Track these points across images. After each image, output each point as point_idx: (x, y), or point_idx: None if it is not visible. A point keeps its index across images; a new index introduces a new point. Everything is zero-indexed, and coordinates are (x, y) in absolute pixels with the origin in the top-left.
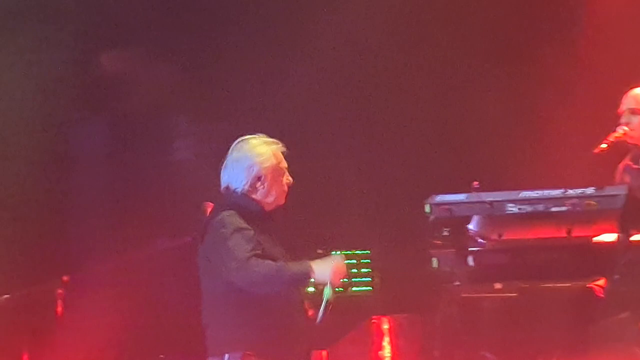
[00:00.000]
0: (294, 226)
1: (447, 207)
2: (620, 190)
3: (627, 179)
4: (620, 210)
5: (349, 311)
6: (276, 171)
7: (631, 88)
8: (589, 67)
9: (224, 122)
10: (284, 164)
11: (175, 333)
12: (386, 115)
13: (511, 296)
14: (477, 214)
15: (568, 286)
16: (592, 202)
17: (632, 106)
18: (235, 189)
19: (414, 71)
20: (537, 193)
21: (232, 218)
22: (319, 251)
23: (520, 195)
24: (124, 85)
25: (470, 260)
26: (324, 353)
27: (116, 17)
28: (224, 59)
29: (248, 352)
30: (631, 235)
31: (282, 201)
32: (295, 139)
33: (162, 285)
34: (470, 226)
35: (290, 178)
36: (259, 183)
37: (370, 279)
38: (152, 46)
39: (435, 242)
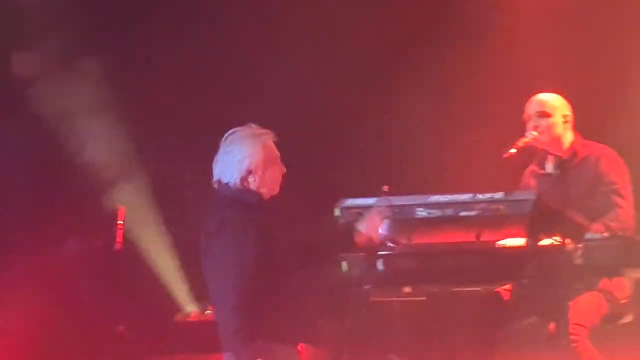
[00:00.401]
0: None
1: (357, 210)
2: (529, 195)
3: (533, 184)
4: (529, 215)
5: None
6: (267, 162)
7: (534, 94)
8: (498, 72)
9: (140, 125)
10: (276, 153)
11: (88, 335)
12: (296, 117)
13: (420, 300)
14: (386, 217)
15: (477, 290)
16: (500, 206)
17: (539, 109)
18: (227, 182)
19: (324, 75)
20: (447, 197)
21: (242, 225)
22: None
23: (430, 199)
24: (37, 85)
25: (380, 264)
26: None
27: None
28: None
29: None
30: (539, 240)
31: (275, 191)
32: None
33: (74, 287)
34: (381, 230)
35: (283, 167)
36: (251, 176)
37: None
38: (69, 46)
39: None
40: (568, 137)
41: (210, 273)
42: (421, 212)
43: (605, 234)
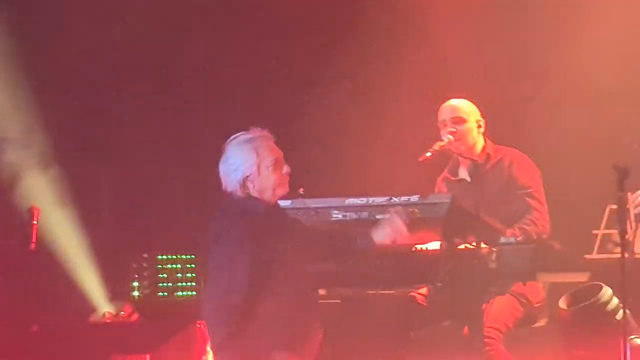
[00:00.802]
0: (117, 230)
1: None
2: (444, 199)
3: (445, 190)
4: (444, 218)
5: (173, 316)
6: (262, 166)
7: (447, 99)
8: (415, 75)
9: (54, 124)
10: (274, 155)
11: (1, 335)
12: (211, 120)
13: (334, 302)
14: (302, 220)
15: (391, 293)
16: (416, 209)
17: (454, 115)
18: (231, 191)
19: (245, 77)
20: (362, 200)
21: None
22: (144, 255)
23: (346, 202)
24: None
25: None
26: (147, 357)
27: None
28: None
29: None
30: (454, 244)
31: (283, 191)
32: (119, 143)
33: None
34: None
35: (287, 167)
36: (249, 182)
37: (194, 284)
38: None
39: None
40: (481, 141)
41: (208, 281)
42: (337, 215)
43: (520, 238)
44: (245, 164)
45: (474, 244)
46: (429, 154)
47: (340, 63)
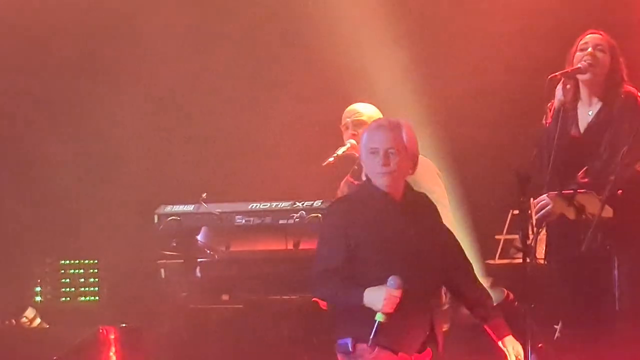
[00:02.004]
0: (20, 234)
1: (176, 217)
2: None
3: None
4: None
5: (75, 321)
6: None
7: (350, 103)
8: (319, 80)
9: None
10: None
11: None
12: (117, 122)
13: (237, 307)
14: (205, 225)
15: (294, 298)
16: (319, 214)
17: (357, 118)
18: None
19: (143, 82)
20: (266, 205)
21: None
22: (47, 260)
23: (249, 207)
24: None
25: (198, 271)
26: None
27: None
28: None
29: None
30: None
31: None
32: (21, 146)
33: None
34: (199, 237)
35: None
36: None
37: (97, 289)
38: None
39: (164, 252)
40: None
41: None
42: (240, 220)
43: None
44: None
45: None
46: (332, 158)
47: (242, 64)
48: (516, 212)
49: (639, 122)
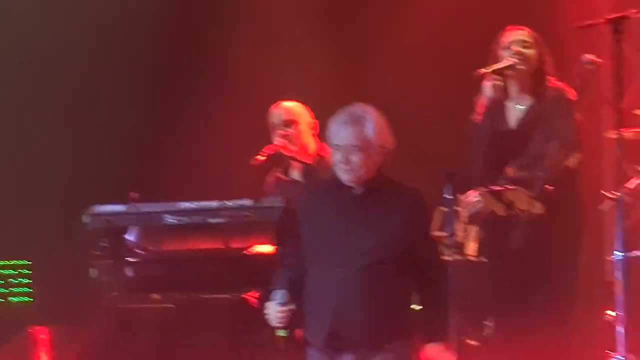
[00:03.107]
0: None
1: (105, 217)
2: (277, 203)
3: (278, 191)
4: (277, 222)
5: (6, 322)
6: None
7: (279, 102)
8: (247, 79)
9: None
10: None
11: None
12: (44, 121)
13: (168, 307)
14: (135, 224)
15: (225, 297)
16: (249, 213)
17: (286, 117)
18: None
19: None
20: (195, 204)
21: None
22: None
23: (179, 206)
24: None
25: (128, 271)
26: None
27: None
28: None
29: None
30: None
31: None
32: None
33: None
34: (129, 237)
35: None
36: None
37: (29, 289)
38: None
39: (94, 252)
40: (313, 143)
41: None
42: (170, 219)
43: None
44: None
45: None
46: (261, 157)
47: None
48: (444, 209)
49: (567, 117)
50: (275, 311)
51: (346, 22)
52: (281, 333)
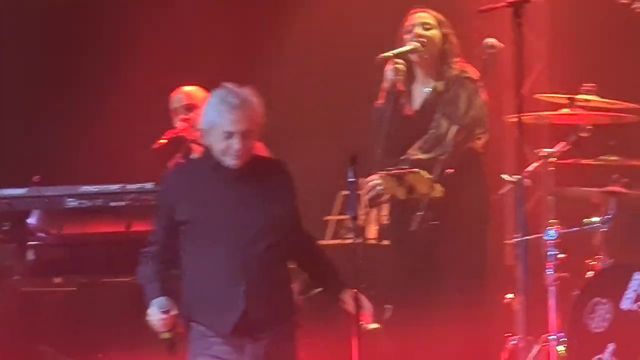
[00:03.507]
0: None
1: (7, 201)
2: None
3: None
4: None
5: None
6: None
7: (180, 86)
8: (149, 62)
9: None
10: None
11: None
12: None
13: (71, 290)
14: (37, 208)
15: (127, 280)
16: (150, 197)
17: (187, 102)
18: None
19: None
20: (97, 188)
21: None
22: None
23: (80, 190)
24: None
25: (30, 255)
26: None
27: None
28: None
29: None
30: None
31: None
32: None
33: None
34: (31, 220)
35: None
36: None
37: None
38: None
39: None
40: None
41: None
42: (72, 203)
43: None
44: None
45: None
46: (163, 141)
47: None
48: (346, 192)
49: (472, 98)
50: (158, 319)
51: (247, 5)
52: (165, 335)
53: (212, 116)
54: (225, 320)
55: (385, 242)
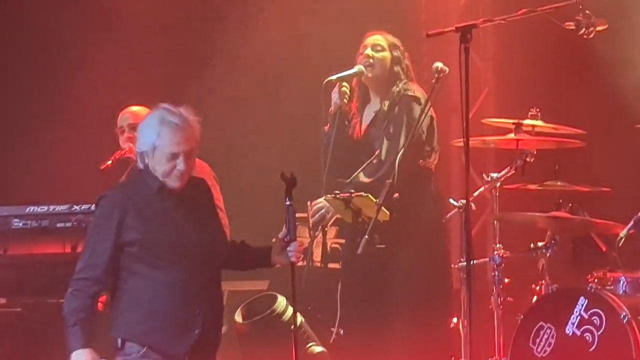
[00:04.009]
0: None
1: None
2: None
3: None
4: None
5: None
6: None
7: (127, 106)
8: (95, 85)
9: None
10: None
11: None
12: None
13: (15, 311)
14: None
15: None
16: None
17: (132, 121)
18: None
19: None
20: (43, 208)
21: None
22: None
23: (27, 210)
24: None
25: None
26: None
27: None
28: None
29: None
30: None
31: None
32: None
33: None
34: None
35: None
36: None
37: None
38: None
39: None
40: None
41: None
42: (17, 223)
43: None
44: None
45: None
46: (110, 162)
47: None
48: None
49: (413, 118)
50: None
51: (190, 25)
52: None
53: (152, 138)
54: (182, 342)
55: (332, 265)
